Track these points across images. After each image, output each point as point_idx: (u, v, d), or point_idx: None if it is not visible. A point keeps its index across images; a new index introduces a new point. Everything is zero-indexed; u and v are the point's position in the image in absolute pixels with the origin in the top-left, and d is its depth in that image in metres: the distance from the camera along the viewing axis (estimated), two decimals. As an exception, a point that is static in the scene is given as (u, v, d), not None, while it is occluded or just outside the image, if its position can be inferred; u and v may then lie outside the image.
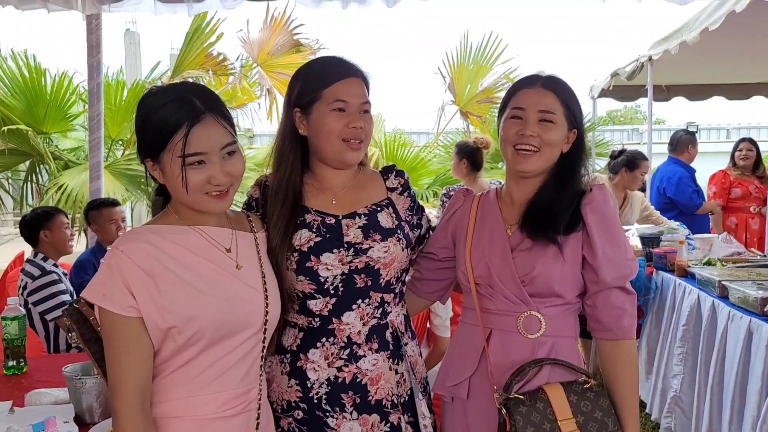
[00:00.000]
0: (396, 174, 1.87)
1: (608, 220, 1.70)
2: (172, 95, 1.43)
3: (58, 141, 7.30)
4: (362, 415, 1.68)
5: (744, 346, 2.91)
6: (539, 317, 1.69)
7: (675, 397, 3.62)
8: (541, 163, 1.72)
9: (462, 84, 7.43)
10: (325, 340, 1.68)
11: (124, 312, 1.36)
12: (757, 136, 7.06)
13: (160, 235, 1.44)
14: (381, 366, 1.70)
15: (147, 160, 1.46)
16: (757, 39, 5.32)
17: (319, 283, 1.67)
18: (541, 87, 1.74)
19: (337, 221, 1.72)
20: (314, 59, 1.83)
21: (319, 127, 1.68)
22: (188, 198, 1.44)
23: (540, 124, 1.71)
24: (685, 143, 5.95)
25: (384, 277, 1.71)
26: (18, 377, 2.62)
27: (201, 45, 6.17)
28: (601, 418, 1.63)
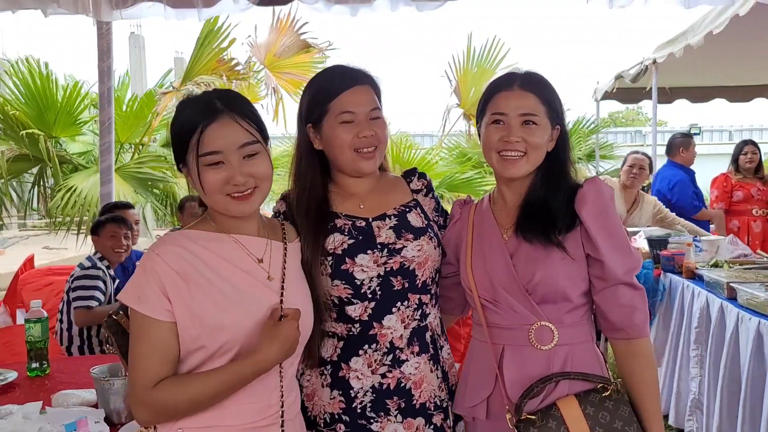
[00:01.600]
0: (419, 176, 1.88)
1: (604, 215, 1.63)
2: (194, 98, 1.47)
3: (66, 145, 7.35)
4: (407, 418, 1.67)
5: (754, 347, 2.95)
6: (551, 327, 1.63)
7: (695, 400, 3.66)
8: (529, 166, 1.68)
9: (467, 87, 7.48)
10: (367, 347, 1.67)
11: (159, 316, 1.37)
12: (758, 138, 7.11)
13: (194, 240, 1.45)
14: (423, 369, 1.70)
15: (180, 165, 1.48)
16: (759, 42, 5.37)
17: (355, 287, 1.66)
18: (520, 88, 1.68)
19: (367, 224, 1.72)
20: (321, 71, 1.82)
21: (331, 141, 1.69)
22: (208, 200, 1.45)
23: (523, 127, 1.66)
24: (678, 146, 5.95)
25: (420, 277, 1.71)
26: (41, 379, 2.66)
27: (213, 50, 6.21)
28: (621, 427, 1.55)
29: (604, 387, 1.59)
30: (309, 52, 7.00)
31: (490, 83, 1.76)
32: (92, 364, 2.60)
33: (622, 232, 1.65)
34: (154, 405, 1.37)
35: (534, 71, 1.74)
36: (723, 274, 3.57)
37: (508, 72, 1.76)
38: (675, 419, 3.93)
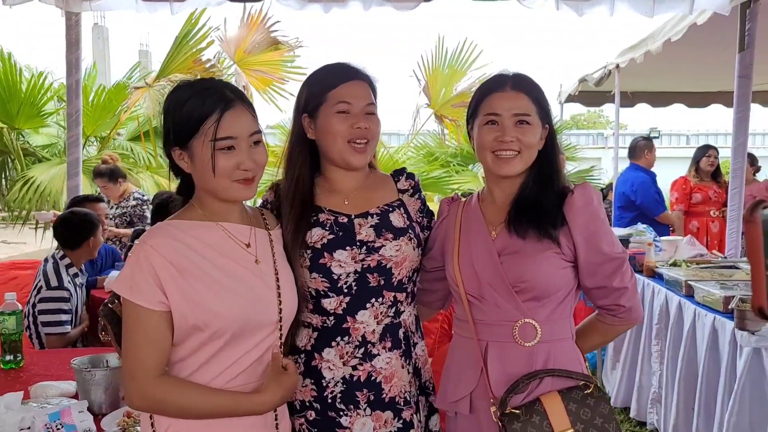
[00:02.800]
0: (407, 176, 1.91)
1: (593, 222, 1.67)
2: (204, 85, 1.51)
3: (30, 137, 7.23)
4: (375, 411, 1.71)
5: (710, 341, 3.10)
6: (534, 324, 1.66)
7: (655, 394, 3.81)
8: (523, 164, 1.71)
9: (437, 87, 7.55)
10: (339, 339, 1.72)
11: (151, 306, 1.42)
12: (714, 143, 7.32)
13: (183, 231, 1.49)
14: (394, 364, 1.73)
15: (174, 149, 1.51)
16: (716, 50, 5.57)
17: (332, 281, 1.70)
18: (512, 89, 1.71)
19: (349, 220, 1.76)
20: (320, 66, 1.85)
21: (325, 129, 1.73)
22: (216, 184, 1.49)
23: (517, 127, 1.69)
24: (641, 149, 6.16)
25: (396, 276, 1.74)
26: (16, 371, 2.65)
27: (190, 50, 6.18)
28: (601, 424, 1.60)
29: (586, 384, 1.64)
30: (279, 50, 6.99)
31: (481, 85, 1.80)
32: (66, 357, 2.62)
33: (608, 238, 1.68)
34: (151, 398, 1.43)
35: (523, 72, 1.78)
36: (681, 273, 3.72)
37: (497, 73, 1.79)
38: (637, 412, 4.08)
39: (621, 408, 4.28)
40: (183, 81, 1.58)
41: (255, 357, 1.52)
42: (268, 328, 1.54)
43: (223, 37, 6.57)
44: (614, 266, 1.68)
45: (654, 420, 3.83)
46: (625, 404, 4.24)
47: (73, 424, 1.91)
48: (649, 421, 3.90)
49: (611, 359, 4.53)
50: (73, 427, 1.91)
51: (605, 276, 1.68)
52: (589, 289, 1.73)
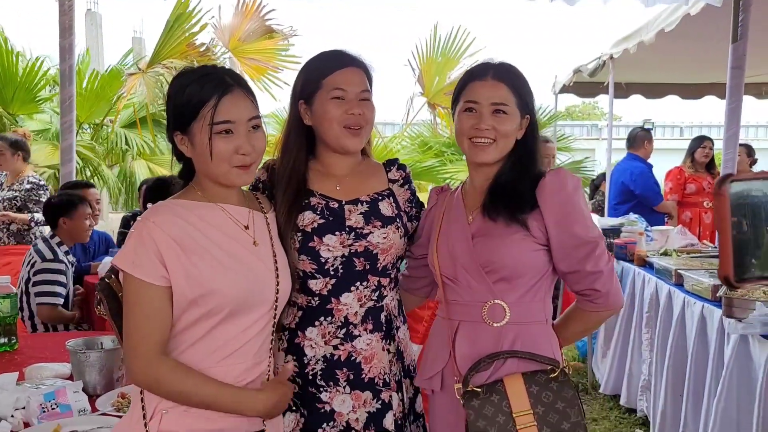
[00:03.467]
0: (398, 167, 1.95)
1: (564, 206, 1.69)
2: (204, 72, 1.55)
3: (24, 123, 7.20)
4: (355, 390, 1.77)
5: (698, 329, 3.14)
6: (503, 305, 1.70)
7: (645, 381, 3.85)
8: (498, 153, 1.76)
9: (431, 76, 7.54)
10: (323, 319, 1.77)
11: (153, 280, 1.44)
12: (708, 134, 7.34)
13: (188, 209, 1.52)
14: (375, 346, 1.79)
15: (176, 133, 1.54)
16: (709, 42, 5.59)
17: (320, 263, 1.75)
18: (492, 78, 1.75)
19: (340, 206, 1.80)
20: (317, 53, 1.89)
21: (321, 115, 1.77)
22: (214, 169, 1.52)
23: (494, 116, 1.73)
24: (641, 139, 6.20)
25: (381, 262, 1.80)
26: (10, 354, 2.68)
27: (183, 34, 6.15)
28: (562, 408, 1.62)
29: (553, 369, 1.66)
30: (272, 38, 6.97)
31: (466, 72, 1.84)
32: (60, 339, 2.64)
33: (582, 220, 1.69)
34: (153, 377, 1.45)
35: (507, 62, 1.82)
36: (672, 262, 3.76)
37: (482, 62, 1.83)
38: (627, 399, 4.13)
39: (611, 395, 4.33)
40: (186, 68, 1.61)
41: (250, 336, 1.54)
42: (264, 307, 1.57)
43: (217, 24, 6.55)
44: (587, 250, 1.68)
45: (644, 407, 3.88)
46: (615, 392, 4.29)
47: (68, 404, 1.93)
48: (639, 408, 3.95)
49: (602, 348, 4.57)
50: (68, 406, 1.93)
51: (578, 260, 1.68)
52: (564, 274, 1.74)
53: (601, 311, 1.76)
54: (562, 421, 1.62)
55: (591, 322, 1.84)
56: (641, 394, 3.91)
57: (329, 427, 1.75)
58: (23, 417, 1.93)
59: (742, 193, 0.73)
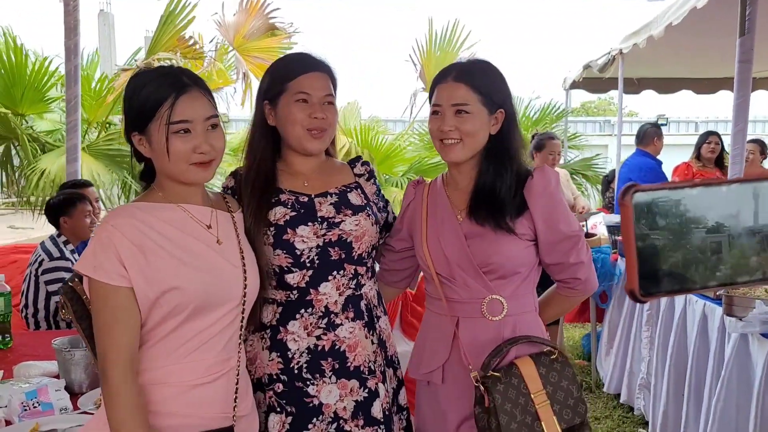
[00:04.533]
0: (362, 163, 2.00)
1: (549, 205, 1.76)
2: (160, 72, 1.55)
3: (33, 122, 7.26)
4: (341, 379, 1.77)
5: (700, 327, 3.09)
6: (501, 300, 1.77)
7: (643, 380, 3.81)
8: (466, 151, 1.78)
9: (431, 71, 7.51)
10: (303, 311, 1.78)
11: (116, 282, 1.43)
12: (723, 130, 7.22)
13: (146, 211, 1.52)
14: (358, 334, 1.80)
15: (134, 134, 1.54)
16: (719, 35, 5.50)
17: (295, 256, 1.76)
18: (452, 80, 1.78)
19: (310, 199, 1.83)
20: (283, 56, 1.94)
21: (285, 117, 1.80)
22: (172, 168, 1.52)
23: (456, 117, 1.76)
24: (651, 135, 6.10)
25: (356, 250, 1.82)
26: (4, 352, 2.69)
27: (174, 28, 6.16)
28: (567, 386, 1.74)
29: (551, 351, 1.77)
30: (276, 36, 6.97)
31: (435, 76, 1.87)
32: (54, 337, 2.63)
33: (563, 217, 1.78)
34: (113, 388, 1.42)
35: (477, 60, 1.86)
36: (675, 260, 3.70)
37: (451, 64, 1.86)
38: (626, 398, 4.09)
39: (614, 394, 4.28)
40: (142, 68, 1.62)
41: (215, 332, 1.54)
42: (230, 304, 1.57)
43: (221, 21, 6.56)
44: (571, 243, 1.78)
45: (641, 406, 3.83)
46: (618, 390, 4.24)
47: (49, 402, 1.93)
48: (636, 407, 3.90)
49: (605, 346, 4.52)
50: (49, 405, 1.93)
51: (563, 253, 1.78)
52: (548, 265, 1.83)
53: (578, 296, 1.89)
54: (568, 397, 1.73)
55: (568, 305, 1.97)
56: (639, 393, 3.86)
57: (318, 421, 1.75)
58: (4, 415, 1.94)
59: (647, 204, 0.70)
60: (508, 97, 1.82)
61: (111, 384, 1.43)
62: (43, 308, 3.69)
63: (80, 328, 1.56)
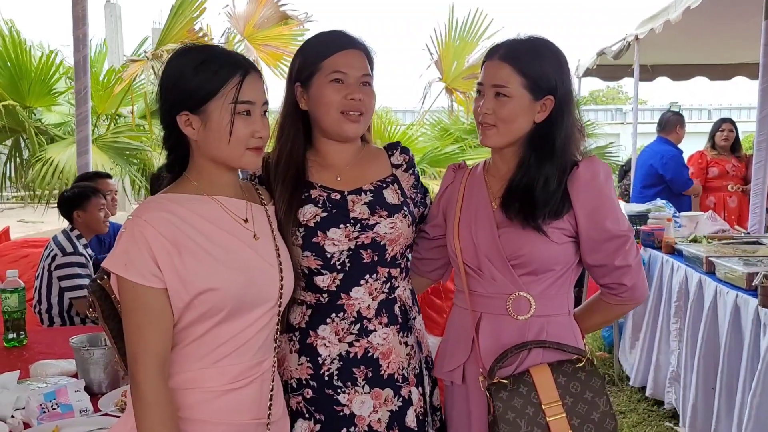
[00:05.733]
0: (401, 151, 1.85)
1: (596, 199, 1.62)
2: (219, 50, 1.48)
3: (42, 115, 7.21)
4: (374, 389, 1.67)
5: (732, 319, 3.00)
6: (528, 298, 1.64)
7: (673, 373, 3.72)
8: (502, 138, 1.66)
9: (449, 60, 7.42)
10: (334, 316, 1.67)
11: (148, 282, 1.35)
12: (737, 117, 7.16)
13: (180, 204, 1.42)
14: (391, 340, 1.70)
15: (183, 114, 1.42)
16: (738, 20, 5.39)
17: (325, 259, 1.66)
18: (498, 59, 1.65)
19: (342, 197, 1.70)
20: (315, 34, 1.78)
21: (318, 99, 1.67)
22: (229, 151, 1.43)
23: (495, 99, 1.64)
24: (674, 123, 6.03)
25: (390, 252, 1.71)
26: (19, 349, 2.63)
27: (185, 19, 6.10)
28: (591, 398, 1.58)
29: (579, 358, 1.61)
30: (288, 24, 6.88)
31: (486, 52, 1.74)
32: (70, 334, 2.57)
33: (612, 214, 1.62)
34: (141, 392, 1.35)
35: (531, 38, 1.69)
36: (702, 249, 3.61)
37: (504, 40, 1.72)
38: (653, 391, 3.99)
39: (639, 387, 4.20)
40: (189, 45, 1.50)
41: (251, 335, 1.45)
42: (267, 305, 1.48)
43: (232, 12, 6.49)
44: (618, 244, 1.63)
45: (672, 399, 3.75)
46: (643, 384, 4.15)
47: (69, 404, 1.86)
48: (667, 401, 3.82)
49: (630, 338, 4.42)
50: (69, 406, 1.86)
51: (608, 254, 1.63)
52: (590, 266, 1.68)
53: (625, 304, 1.72)
54: (592, 411, 1.58)
55: (613, 314, 1.81)
56: (669, 386, 3.78)
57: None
58: (23, 417, 1.87)
59: None
60: (562, 83, 1.65)
61: (141, 390, 1.35)
62: (57, 304, 3.65)
63: (107, 329, 1.48)
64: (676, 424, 3.68)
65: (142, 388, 1.35)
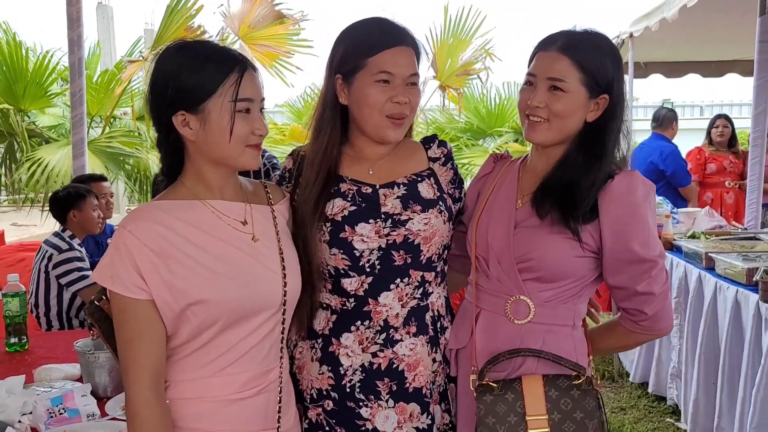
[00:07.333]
0: (439, 144, 1.74)
1: (626, 215, 1.50)
2: (215, 47, 1.43)
3: (36, 118, 7.17)
4: (399, 403, 1.58)
5: (732, 315, 3.01)
6: (528, 303, 1.56)
7: (674, 368, 3.73)
8: (552, 134, 1.56)
9: (443, 59, 7.40)
10: (359, 324, 1.58)
11: (133, 294, 1.31)
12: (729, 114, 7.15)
13: (168, 212, 1.37)
14: (419, 351, 1.59)
15: (180, 113, 1.36)
16: (734, 16, 5.40)
17: (354, 258, 1.56)
18: (556, 50, 1.55)
19: (374, 190, 1.61)
20: (361, 21, 1.65)
21: (361, 99, 1.57)
22: (229, 150, 1.37)
23: (549, 92, 1.54)
24: (670, 120, 6.09)
25: (425, 253, 1.59)
26: (21, 354, 2.61)
27: (181, 18, 6.06)
28: (581, 419, 1.48)
29: (578, 375, 1.52)
30: (283, 23, 6.84)
31: (539, 41, 1.63)
32: (72, 338, 2.56)
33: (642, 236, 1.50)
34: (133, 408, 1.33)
35: (591, 32, 1.60)
36: (701, 245, 3.62)
37: (560, 31, 1.61)
38: (655, 387, 4.01)
39: (639, 383, 4.21)
40: (183, 41, 1.45)
41: (252, 343, 1.40)
42: (269, 311, 1.42)
43: (226, 12, 6.45)
44: (643, 269, 1.51)
45: (674, 395, 3.76)
46: (644, 380, 4.17)
47: (75, 409, 1.85)
48: (669, 397, 3.83)
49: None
50: (76, 411, 1.85)
51: (631, 277, 1.52)
52: (611, 287, 1.58)
53: (643, 333, 1.60)
54: None
55: (629, 342, 1.68)
56: (671, 382, 3.79)
57: None
58: (30, 422, 1.85)
59: None
60: (617, 82, 1.56)
61: (133, 404, 1.32)
62: (56, 304, 3.61)
63: (111, 348, 1.46)
64: (678, 419, 3.69)
65: (134, 403, 1.32)
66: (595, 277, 1.60)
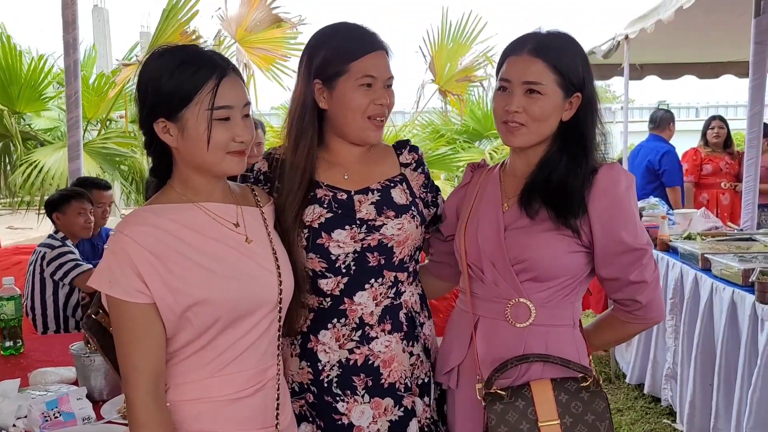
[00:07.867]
0: (410, 149, 1.79)
1: (613, 208, 1.53)
2: (194, 52, 1.40)
3: (31, 120, 7.16)
4: (374, 398, 1.64)
5: (728, 316, 3.01)
6: (529, 305, 1.57)
7: (670, 370, 3.74)
8: (531, 137, 1.58)
9: (442, 63, 7.40)
10: (336, 321, 1.64)
11: (133, 298, 1.31)
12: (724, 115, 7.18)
13: (162, 215, 1.38)
14: (394, 348, 1.65)
15: (160, 120, 1.37)
16: (730, 17, 5.42)
17: (330, 261, 1.62)
18: (528, 54, 1.56)
19: (349, 197, 1.66)
20: (335, 27, 1.70)
21: (344, 103, 1.61)
22: (209, 157, 1.37)
23: (526, 96, 1.55)
24: (667, 121, 6.12)
25: (398, 255, 1.66)
26: (16, 358, 2.60)
27: (177, 22, 6.05)
28: (592, 421, 1.49)
29: (585, 377, 1.53)
30: (281, 27, 6.85)
31: (507, 45, 1.64)
32: (67, 341, 2.55)
33: (630, 227, 1.53)
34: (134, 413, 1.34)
35: (559, 33, 1.62)
36: (697, 246, 3.63)
37: (526, 33, 1.63)
38: (651, 388, 4.02)
39: (635, 385, 4.21)
40: (163, 47, 1.43)
41: (251, 341, 1.42)
42: (265, 309, 1.44)
43: (224, 15, 6.45)
44: (634, 257, 1.53)
45: (668, 396, 3.77)
46: (640, 381, 4.17)
47: (71, 412, 1.84)
48: (663, 398, 3.84)
49: (625, 336, 4.45)
50: (71, 414, 1.84)
51: (622, 267, 1.54)
52: (603, 279, 1.60)
53: (637, 323, 1.62)
54: None
55: (625, 333, 1.71)
56: (665, 383, 3.80)
57: None
58: (25, 426, 1.85)
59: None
60: (588, 80, 1.59)
61: (133, 410, 1.33)
62: (52, 303, 3.61)
63: (108, 360, 1.46)
64: (674, 420, 3.70)
65: (134, 408, 1.33)
66: (587, 273, 1.61)
